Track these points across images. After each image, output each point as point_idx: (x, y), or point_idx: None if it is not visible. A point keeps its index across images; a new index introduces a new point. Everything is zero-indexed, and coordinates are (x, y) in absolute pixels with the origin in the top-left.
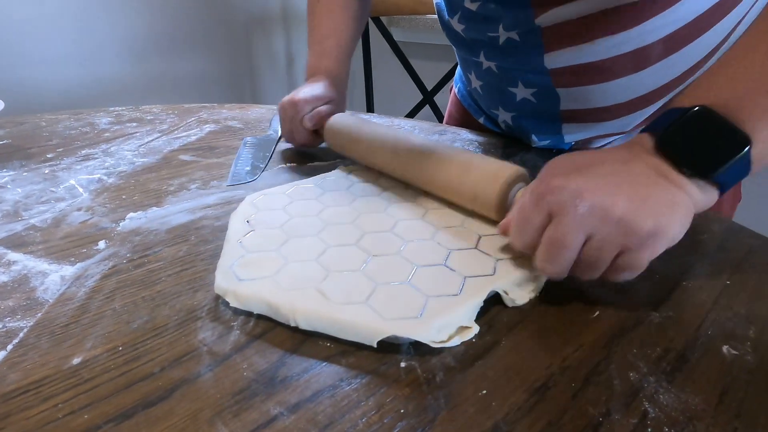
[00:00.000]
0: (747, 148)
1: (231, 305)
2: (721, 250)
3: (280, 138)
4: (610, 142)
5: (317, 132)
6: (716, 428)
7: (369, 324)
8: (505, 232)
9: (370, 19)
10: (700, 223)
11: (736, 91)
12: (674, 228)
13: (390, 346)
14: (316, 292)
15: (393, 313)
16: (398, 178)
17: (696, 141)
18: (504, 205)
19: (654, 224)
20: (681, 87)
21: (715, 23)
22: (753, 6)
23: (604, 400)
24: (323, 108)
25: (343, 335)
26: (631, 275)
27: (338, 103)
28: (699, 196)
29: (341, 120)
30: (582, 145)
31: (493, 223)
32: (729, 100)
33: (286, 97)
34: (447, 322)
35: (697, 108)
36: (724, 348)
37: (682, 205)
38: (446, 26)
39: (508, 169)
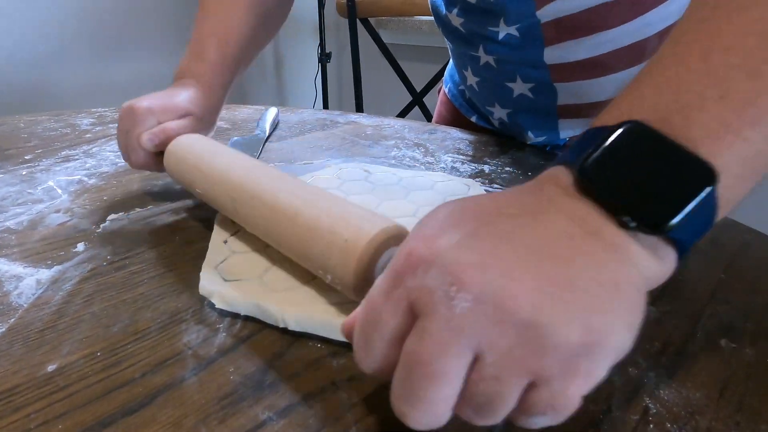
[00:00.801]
0: (709, 185)
1: (216, 307)
2: (715, 244)
3: (267, 138)
4: None
5: (162, 154)
6: (718, 423)
7: None
8: (348, 336)
9: (358, 21)
10: None
11: (679, 98)
12: (619, 332)
13: None
14: (306, 293)
15: None
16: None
17: (635, 175)
18: (368, 285)
19: (583, 331)
20: None
21: None
22: None
23: (604, 397)
24: (173, 124)
25: (335, 336)
26: (552, 420)
27: (200, 121)
28: (650, 263)
29: (188, 142)
30: None
31: None
32: (670, 111)
33: (126, 103)
34: None
35: (626, 125)
36: (723, 341)
37: (629, 285)
38: (443, 21)
39: (366, 233)
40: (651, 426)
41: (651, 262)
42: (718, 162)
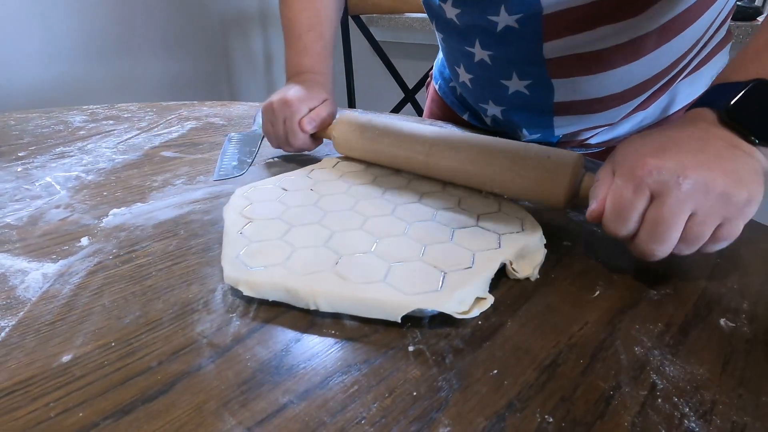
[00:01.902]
0: None
1: (244, 294)
2: None
3: None
4: (595, 135)
5: (313, 135)
6: (722, 396)
7: (393, 300)
8: (596, 219)
9: (350, 18)
10: None
11: None
12: (760, 192)
13: (396, 331)
14: (334, 275)
15: (413, 289)
16: (434, 175)
17: (759, 112)
18: (573, 194)
19: (748, 193)
20: (666, 78)
21: (700, 16)
22: (728, 2)
23: (613, 375)
24: (322, 108)
25: (366, 313)
26: (727, 243)
27: (332, 103)
28: (765, 161)
29: (355, 118)
30: (569, 138)
31: (490, 203)
32: None
33: (275, 97)
34: (466, 294)
35: (756, 81)
36: (722, 321)
37: (759, 171)
38: (437, 15)
39: (572, 157)
40: (659, 400)
41: (765, 160)
42: None
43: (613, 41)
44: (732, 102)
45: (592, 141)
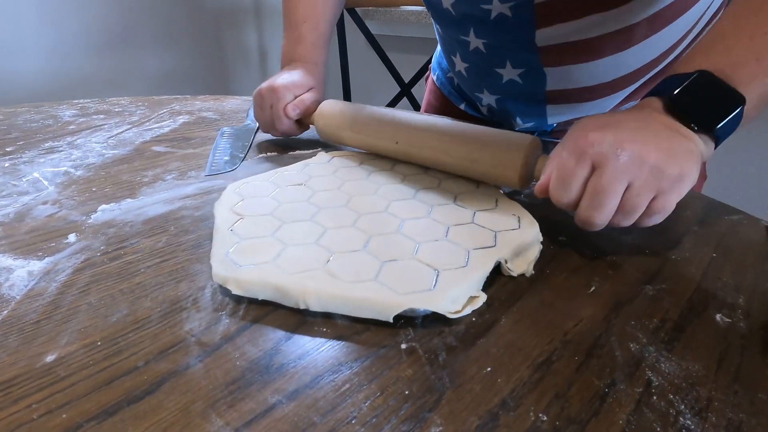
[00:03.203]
0: (741, 106)
1: (233, 293)
2: (703, 225)
3: (258, 127)
4: None
5: (299, 121)
6: (718, 392)
7: (384, 299)
8: (543, 193)
9: (345, 12)
10: (681, 201)
11: (730, 59)
12: (693, 171)
13: (388, 329)
14: (324, 273)
15: (406, 288)
16: (405, 157)
17: (701, 101)
18: (528, 174)
19: (680, 168)
20: (657, 68)
21: (691, 6)
22: None
23: (608, 371)
24: (307, 96)
25: (357, 313)
26: (660, 218)
27: (320, 92)
28: (703, 147)
29: (335, 106)
30: (563, 127)
31: (487, 199)
32: (725, 66)
33: (264, 84)
34: (460, 293)
35: (698, 72)
36: (717, 316)
37: (695, 152)
38: (434, 5)
39: (527, 139)
40: (654, 398)
41: (702, 146)
42: (747, 95)
43: (604, 29)
44: (675, 92)
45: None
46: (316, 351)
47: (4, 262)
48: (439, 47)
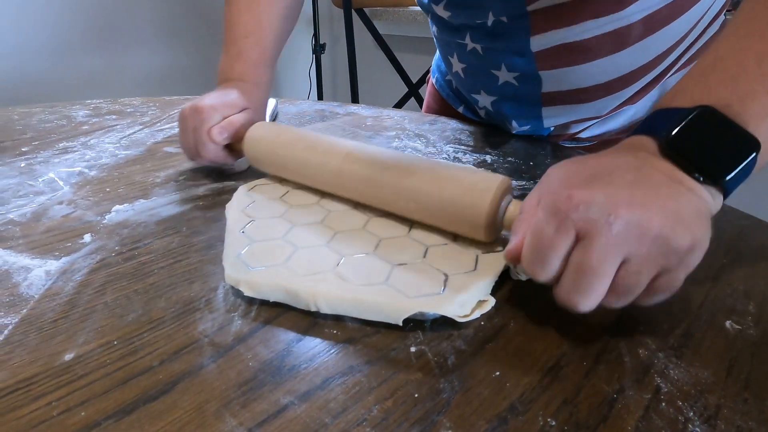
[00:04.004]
0: (755, 152)
1: (245, 294)
2: (714, 230)
3: None
4: (586, 128)
5: (229, 147)
6: (727, 400)
7: (394, 303)
8: (514, 259)
9: (354, 11)
10: None
11: (737, 91)
12: (706, 238)
13: (398, 332)
14: (335, 276)
15: (415, 291)
16: (348, 197)
17: (705, 145)
18: (494, 225)
19: (691, 238)
20: (655, 71)
21: (688, 8)
22: None
23: (616, 377)
24: (237, 117)
25: (367, 316)
26: (665, 296)
27: (256, 113)
28: (710, 200)
29: (267, 128)
30: (559, 132)
31: None
32: (732, 100)
33: (188, 104)
34: (469, 297)
35: (700, 109)
36: (727, 323)
37: (705, 212)
38: (429, 11)
39: (492, 180)
40: (663, 404)
41: (710, 201)
42: (761, 135)
43: (598, 31)
44: (673, 132)
45: (583, 135)
46: (327, 353)
47: (22, 261)
48: (437, 49)
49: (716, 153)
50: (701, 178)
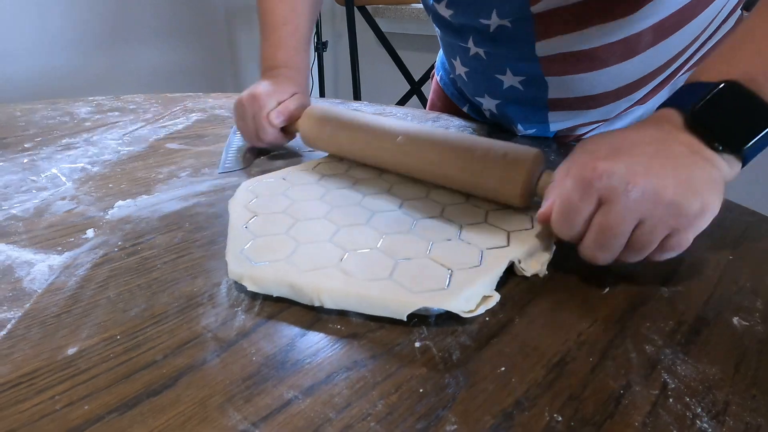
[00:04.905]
0: None
1: (249, 289)
2: (719, 227)
3: None
4: (591, 130)
5: (284, 129)
6: (735, 396)
7: (398, 298)
8: (545, 221)
9: (356, 9)
10: None
11: (761, 65)
12: (715, 204)
13: (402, 327)
14: (338, 271)
15: (420, 286)
16: (396, 169)
17: (727, 117)
18: (530, 192)
19: (701, 204)
20: (665, 73)
21: (699, 13)
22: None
23: (623, 373)
24: (290, 102)
25: (371, 311)
26: (675, 254)
27: (304, 97)
28: (727, 170)
29: (322, 110)
30: (565, 133)
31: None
32: (756, 74)
33: (245, 93)
34: (474, 292)
35: (725, 83)
36: (735, 319)
37: (718, 181)
38: (430, 10)
39: (529, 154)
40: (671, 400)
41: (726, 169)
42: None
43: (606, 40)
44: (698, 106)
45: (589, 135)
46: (331, 348)
47: (25, 256)
48: (441, 48)
49: (737, 125)
50: (720, 147)
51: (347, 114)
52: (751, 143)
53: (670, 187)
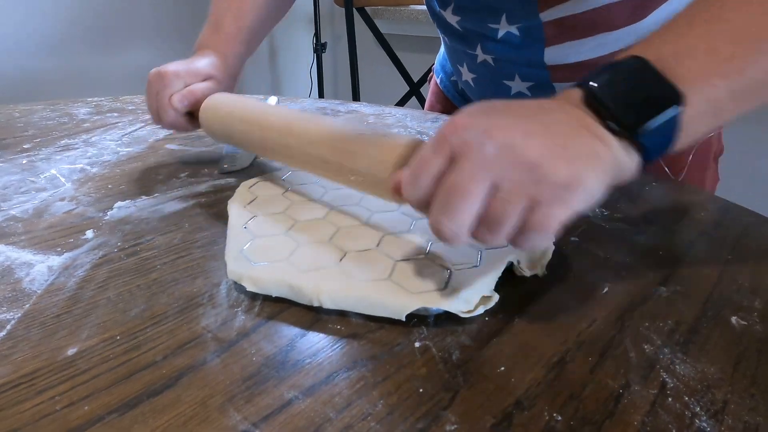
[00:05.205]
0: (676, 106)
1: (248, 290)
2: (718, 227)
3: None
4: None
5: (191, 114)
6: (734, 395)
7: (397, 298)
8: (396, 188)
9: (355, 10)
10: (696, 202)
11: (676, 47)
12: (591, 180)
13: (402, 327)
14: (338, 272)
15: (419, 287)
16: (278, 159)
17: (626, 93)
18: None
19: (570, 174)
20: None
21: None
22: None
23: (622, 373)
24: (198, 86)
25: (370, 311)
26: (541, 239)
27: (221, 84)
28: (622, 155)
29: (220, 99)
30: None
31: None
32: (668, 55)
33: (154, 69)
34: (473, 293)
35: (629, 58)
36: (733, 319)
37: (604, 158)
38: (437, 17)
39: (410, 138)
40: (670, 399)
41: (623, 156)
42: (689, 96)
43: (616, 47)
44: (597, 80)
45: None
46: (331, 348)
47: (24, 257)
48: (442, 48)
49: (634, 104)
50: (614, 127)
51: (241, 102)
52: (648, 125)
53: (535, 148)
